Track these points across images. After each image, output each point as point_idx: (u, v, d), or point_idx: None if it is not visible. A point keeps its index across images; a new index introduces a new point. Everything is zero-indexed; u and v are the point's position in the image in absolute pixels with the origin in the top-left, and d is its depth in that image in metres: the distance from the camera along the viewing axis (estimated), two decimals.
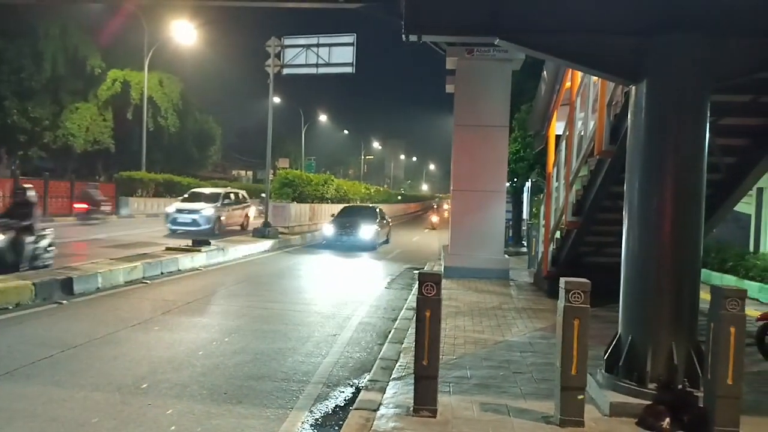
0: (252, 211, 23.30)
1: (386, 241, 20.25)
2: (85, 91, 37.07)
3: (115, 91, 36.34)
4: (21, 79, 33.91)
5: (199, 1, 15.57)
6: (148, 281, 9.77)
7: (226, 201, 20.53)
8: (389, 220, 22.73)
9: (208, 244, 13.24)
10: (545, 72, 10.32)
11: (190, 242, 13.22)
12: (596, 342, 4.64)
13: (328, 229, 18.27)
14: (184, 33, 26.48)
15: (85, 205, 22.53)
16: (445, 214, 28.92)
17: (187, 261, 11.56)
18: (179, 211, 18.89)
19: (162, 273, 10.52)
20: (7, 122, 33.66)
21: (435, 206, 18.85)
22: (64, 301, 7.79)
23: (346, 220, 18.57)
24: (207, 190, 22.03)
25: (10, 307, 7.16)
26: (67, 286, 8.19)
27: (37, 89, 34.70)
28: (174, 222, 18.70)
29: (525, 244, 17.93)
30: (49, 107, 35.42)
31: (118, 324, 6.76)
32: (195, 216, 18.46)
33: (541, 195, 14.55)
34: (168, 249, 12.45)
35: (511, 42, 4.99)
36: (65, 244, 14.87)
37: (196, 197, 20.07)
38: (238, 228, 21.14)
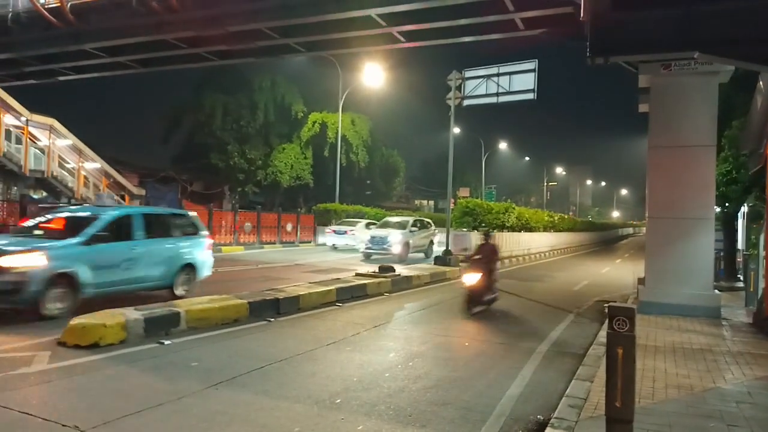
0: (437, 238, 24.11)
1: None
2: (290, 133, 42.21)
3: (314, 132, 40.71)
4: (240, 126, 39.94)
5: (391, 45, 16.78)
6: (340, 304, 10.59)
7: (413, 228, 22.17)
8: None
9: (393, 270, 13.94)
10: (761, 82, 9.02)
11: (377, 269, 14.06)
12: None
13: None
14: (373, 75, 28.58)
15: None
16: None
17: (374, 286, 12.27)
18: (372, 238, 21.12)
19: (352, 297, 11.31)
20: (230, 163, 39.79)
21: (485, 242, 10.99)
22: (272, 320, 8.81)
23: None
24: (396, 218, 24.15)
25: (230, 323, 8.34)
26: (274, 306, 9.28)
27: (252, 134, 40.50)
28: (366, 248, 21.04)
29: (741, 279, 15.58)
30: (261, 149, 41.06)
31: (316, 343, 7.44)
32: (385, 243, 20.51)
33: (761, 221, 12.57)
34: (357, 275, 13.44)
35: (714, 55, 4.52)
36: (274, 268, 16.83)
37: (386, 225, 22.47)
38: (422, 255, 22.39)
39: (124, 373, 5.73)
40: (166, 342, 6.99)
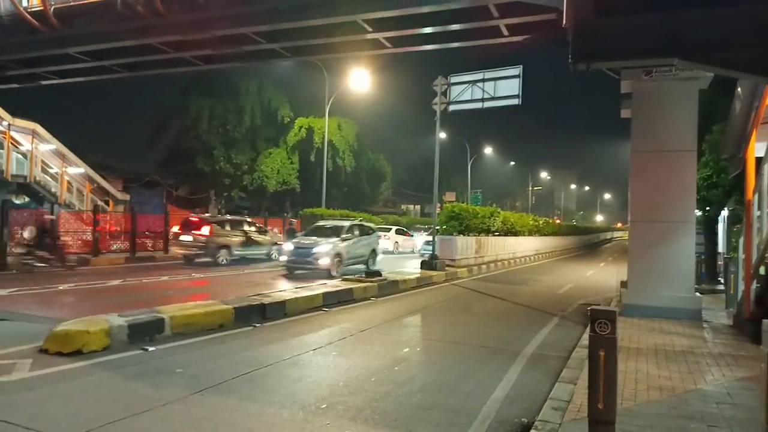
0: (381, 245, 20.94)
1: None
2: (276, 138, 42.06)
3: (301, 136, 40.59)
4: (227, 131, 39.71)
5: (377, 50, 16.85)
6: (326, 309, 10.57)
7: (347, 235, 17.44)
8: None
9: (380, 275, 13.97)
10: (739, 88, 9.21)
11: (363, 274, 14.07)
12: None
13: None
14: (359, 80, 28.61)
15: None
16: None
17: (360, 291, 12.27)
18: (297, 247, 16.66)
19: (338, 301, 11.30)
20: (216, 168, 39.54)
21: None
22: (258, 325, 8.77)
23: None
24: (329, 223, 19.38)
25: (216, 328, 8.29)
26: (260, 311, 9.24)
27: (239, 138, 40.28)
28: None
29: (722, 281, 15.82)
30: (248, 153, 40.83)
31: (302, 348, 7.42)
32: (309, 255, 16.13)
33: (741, 225, 12.79)
34: (344, 279, 13.45)
35: (694, 62, 4.62)
36: (259, 273, 16.74)
37: (316, 231, 17.92)
38: (362, 267, 17.81)
39: (107, 380, 5.67)
40: (151, 348, 6.93)
